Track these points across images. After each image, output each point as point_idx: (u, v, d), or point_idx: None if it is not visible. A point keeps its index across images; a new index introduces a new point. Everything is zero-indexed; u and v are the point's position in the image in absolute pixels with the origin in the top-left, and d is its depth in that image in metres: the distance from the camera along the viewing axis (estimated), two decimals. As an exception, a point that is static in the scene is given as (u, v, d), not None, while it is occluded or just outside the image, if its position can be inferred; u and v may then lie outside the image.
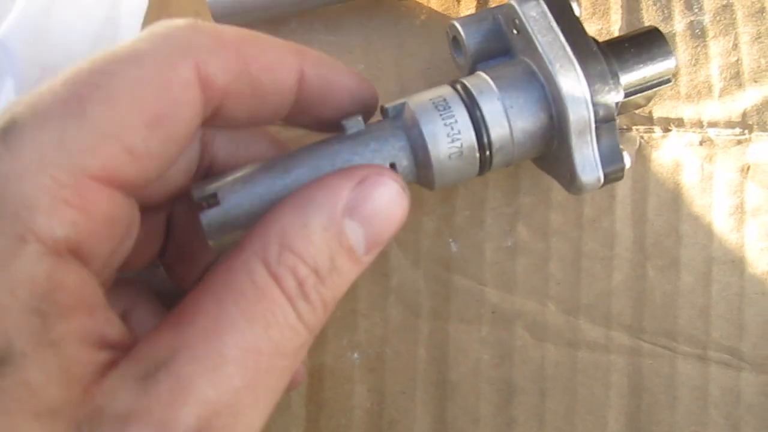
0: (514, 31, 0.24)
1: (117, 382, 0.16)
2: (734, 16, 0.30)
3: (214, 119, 0.20)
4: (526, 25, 0.24)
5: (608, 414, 0.28)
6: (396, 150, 0.22)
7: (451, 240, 0.29)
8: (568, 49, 0.23)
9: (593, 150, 0.23)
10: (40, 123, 0.16)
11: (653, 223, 0.28)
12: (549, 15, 0.24)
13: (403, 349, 0.28)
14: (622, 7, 0.30)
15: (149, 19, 0.32)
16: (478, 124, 0.22)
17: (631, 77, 0.24)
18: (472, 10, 0.31)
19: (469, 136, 0.22)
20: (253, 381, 0.17)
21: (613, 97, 0.23)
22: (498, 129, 0.23)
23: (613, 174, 0.23)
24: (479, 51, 0.26)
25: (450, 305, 0.29)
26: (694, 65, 0.29)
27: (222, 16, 0.31)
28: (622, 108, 0.24)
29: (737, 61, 0.29)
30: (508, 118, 0.23)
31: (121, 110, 0.17)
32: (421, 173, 0.22)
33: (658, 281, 0.28)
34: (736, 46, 0.29)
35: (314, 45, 0.31)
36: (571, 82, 0.23)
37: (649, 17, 0.30)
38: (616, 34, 0.30)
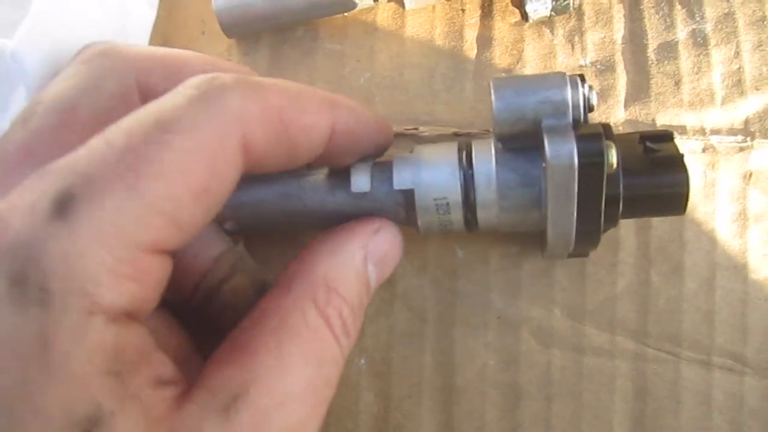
0: (543, 164, 0.23)
1: (198, 415, 0.18)
2: (736, 24, 0.30)
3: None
4: (549, 175, 0.22)
5: (613, 419, 0.28)
6: (393, 211, 0.25)
7: (456, 246, 0.29)
8: (572, 232, 0.23)
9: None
10: (97, 199, 0.17)
11: (657, 229, 0.28)
12: (574, 180, 0.22)
13: (409, 354, 0.29)
14: (624, 16, 0.31)
15: (157, 29, 0.32)
16: (469, 223, 0.24)
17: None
18: (476, 20, 0.31)
19: (458, 224, 0.25)
20: (311, 413, 0.20)
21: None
22: (487, 225, 0.24)
23: (579, 253, 0.25)
24: (504, 128, 0.23)
25: (456, 311, 0.29)
26: (697, 73, 0.30)
27: (229, 26, 0.31)
28: None
29: (739, 69, 0.29)
30: (498, 224, 0.24)
31: (173, 185, 0.18)
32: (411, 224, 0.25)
33: (662, 287, 0.28)
34: (737, 54, 0.30)
35: (320, 53, 0.31)
36: (561, 246, 0.24)
37: (652, 26, 0.30)
38: (619, 42, 0.30)
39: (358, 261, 0.23)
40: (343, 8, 0.31)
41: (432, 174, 0.24)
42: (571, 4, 0.28)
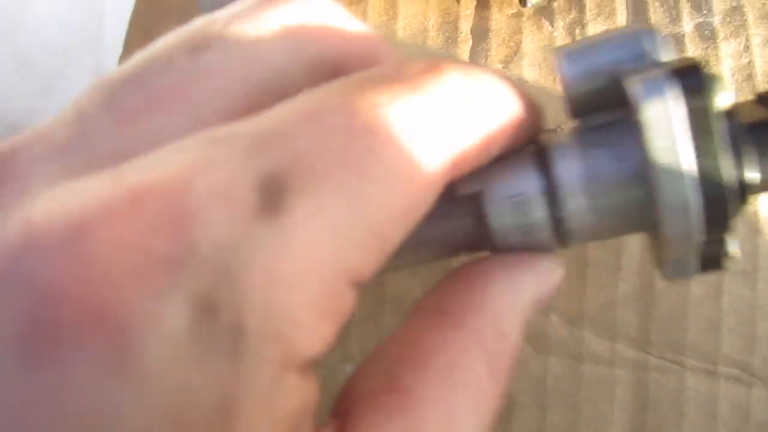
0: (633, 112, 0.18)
1: None
2: (745, 18, 0.29)
3: None
4: (646, 130, 0.17)
5: (612, 430, 0.27)
6: (461, 229, 0.19)
7: (449, 247, 0.28)
8: (694, 202, 0.17)
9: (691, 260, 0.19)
10: (314, 197, 0.12)
11: (661, 231, 0.27)
12: (681, 124, 0.17)
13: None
14: (627, 8, 0.30)
15: (138, 18, 0.31)
16: (557, 229, 0.19)
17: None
18: (470, 11, 0.30)
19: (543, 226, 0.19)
20: None
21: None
22: (580, 233, 0.19)
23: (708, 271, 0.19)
24: (583, 98, 0.19)
25: (448, 315, 0.28)
26: (705, 67, 0.29)
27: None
28: None
29: (749, 63, 0.28)
30: (597, 225, 0.19)
31: (394, 195, 0.13)
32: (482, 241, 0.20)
33: (666, 292, 0.27)
34: (747, 48, 0.29)
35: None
36: (681, 214, 0.17)
37: (656, 18, 0.29)
38: (622, 34, 0.29)
39: (530, 305, 0.18)
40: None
41: (501, 167, 0.19)
42: (571, -10, 0.27)
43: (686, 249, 0.18)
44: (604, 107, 0.19)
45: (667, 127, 0.17)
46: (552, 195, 0.18)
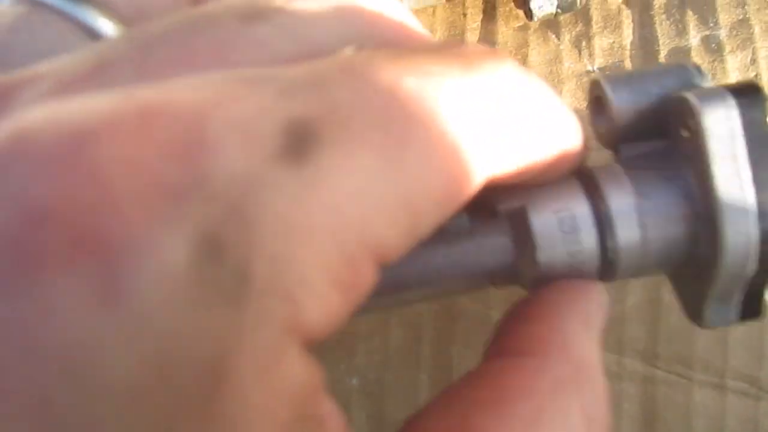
0: (683, 132, 0.18)
1: None
2: (751, 30, 0.29)
3: None
4: (705, 140, 0.17)
5: (620, 445, 0.27)
6: (499, 252, 0.18)
7: (455, 260, 0.28)
8: (751, 192, 0.17)
9: (734, 303, 0.19)
10: (347, 150, 0.11)
11: (668, 244, 0.27)
12: (740, 137, 0.16)
13: (404, 373, 0.27)
14: (633, 21, 0.30)
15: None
16: (606, 257, 0.18)
17: None
18: (477, 24, 0.30)
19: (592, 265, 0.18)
20: None
21: None
22: (627, 264, 0.18)
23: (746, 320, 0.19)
24: (628, 126, 0.19)
25: (454, 329, 0.28)
26: (711, 80, 0.28)
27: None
28: None
29: (756, 76, 0.28)
30: (645, 256, 0.18)
31: (434, 170, 0.12)
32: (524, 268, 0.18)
33: (673, 305, 0.27)
34: (754, 61, 0.29)
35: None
36: (741, 244, 0.17)
37: (663, 32, 0.29)
38: (629, 48, 0.29)
39: (598, 336, 0.17)
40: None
41: (545, 190, 0.17)
42: (578, 2, 0.27)
43: (734, 286, 0.18)
44: (646, 137, 0.19)
45: (728, 136, 0.16)
46: (602, 222, 0.17)
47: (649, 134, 0.18)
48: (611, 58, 0.29)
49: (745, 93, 0.17)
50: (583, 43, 0.30)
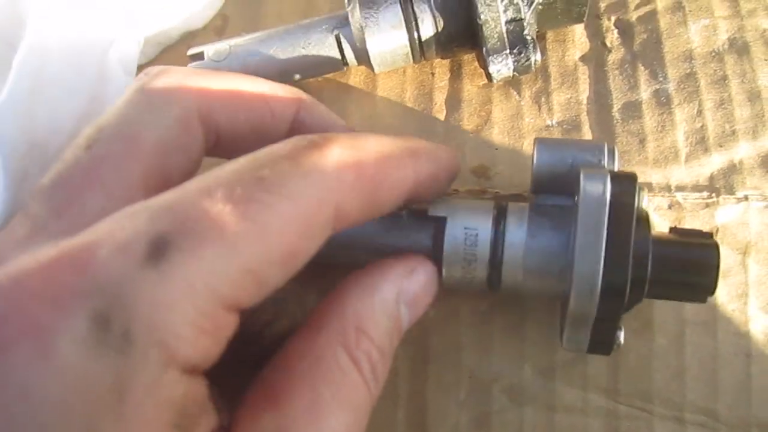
0: (576, 197, 0.23)
1: None
2: (698, 84, 0.31)
3: None
4: (580, 207, 0.22)
5: (590, 477, 0.28)
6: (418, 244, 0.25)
7: (427, 304, 0.29)
8: (601, 254, 0.22)
9: (585, 334, 0.24)
10: (194, 250, 0.16)
11: (626, 285, 0.29)
12: (605, 210, 0.22)
13: (382, 411, 0.29)
14: (589, 77, 0.32)
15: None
16: (492, 270, 0.24)
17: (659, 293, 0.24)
18: (445, 83, 0.32)
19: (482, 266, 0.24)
20: None
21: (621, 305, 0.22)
22: (507, 281, 0.24)
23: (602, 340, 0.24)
24: (544, 181, 0.25)
25: (427, 368, 0.29)
26: (661, 131, 0.30)
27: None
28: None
29: (702, 126, 0.30)
30: (523, 279, 0.24)
31: (268, 248, 0.17)
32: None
33: (632, 343, 0.28)
34: (700, 112, 0.30)
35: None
36: (586, 290, 0.22)
37: (616, 86, 0.31)
38: (585, 102, 0.31)
39: (390, 302, 0.22)
40: (332, 68, 0.31)
41: (467, 208, 0.25)
42: (533, 65, 0.29)
43: (582, 323, 0.23)
44: (559, 192, 0.25)
45: (596, 208, 0.22)
46: (497, 243, 0.24)
47: (561, 191, 0.24)
48: (569, 112, 0.31)
49: (621, 179, 0.22)
50: (543, 99, 0.31)
